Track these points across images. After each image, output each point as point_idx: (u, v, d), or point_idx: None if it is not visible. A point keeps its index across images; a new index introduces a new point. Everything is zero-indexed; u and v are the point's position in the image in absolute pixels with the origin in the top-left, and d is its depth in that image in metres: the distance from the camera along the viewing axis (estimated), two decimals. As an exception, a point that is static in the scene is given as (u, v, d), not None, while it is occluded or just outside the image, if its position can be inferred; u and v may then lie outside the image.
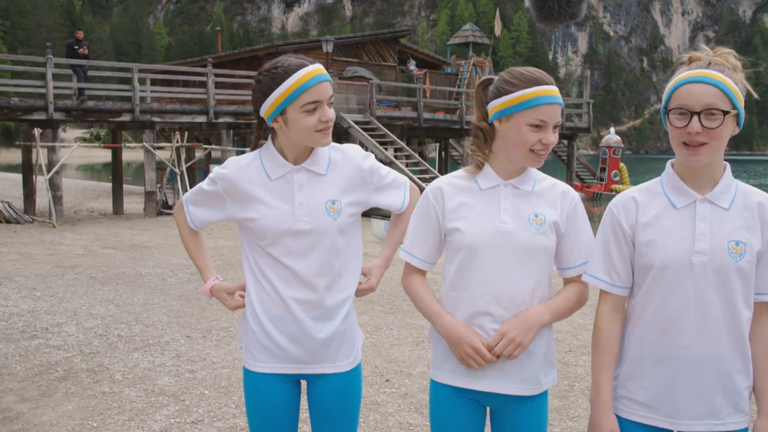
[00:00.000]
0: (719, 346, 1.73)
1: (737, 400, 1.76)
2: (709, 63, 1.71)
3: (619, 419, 1.84)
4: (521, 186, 1.92)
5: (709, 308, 1.73)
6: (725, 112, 1.66)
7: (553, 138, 1.85)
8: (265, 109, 1.93)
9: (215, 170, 2.03)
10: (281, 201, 1.97)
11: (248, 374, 2.05)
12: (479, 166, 1.95)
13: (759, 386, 1.78)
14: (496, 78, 1.94)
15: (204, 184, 2.08)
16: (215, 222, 2.11)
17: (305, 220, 1.95)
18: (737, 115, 1.70)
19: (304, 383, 2.11)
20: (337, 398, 2.03)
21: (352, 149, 2.08)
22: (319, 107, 1.90)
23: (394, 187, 2.12)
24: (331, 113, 1.93)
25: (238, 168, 2.01)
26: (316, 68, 1.90)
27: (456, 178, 1.98)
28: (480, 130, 1.96)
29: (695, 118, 1.67)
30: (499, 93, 1.87)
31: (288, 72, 1.88)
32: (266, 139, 2.05)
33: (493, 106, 1.89)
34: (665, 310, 1.77)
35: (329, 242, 1.97)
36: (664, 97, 1.77)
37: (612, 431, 1.82)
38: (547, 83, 1.85)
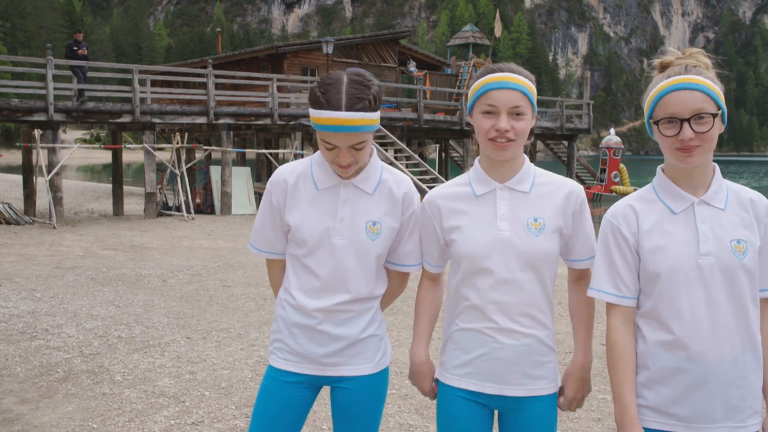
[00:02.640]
0: (733, 347, 1.72)
1: (753, 399, 1.75)
2: (686, 67, 1.71)
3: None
4: (518, 187, 1.90)
5: (720, 309, 1.71)
6: (714, 115, 1.67)
7: (504, 123, 1.81)
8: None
9: (269, 182, 2.06)
10: (323, 212, 1.97)
11: (270, 370, 2.06)
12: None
13: None
14: None
15: (261, 205, 2.09)
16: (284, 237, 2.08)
17: (343, 235, 1.96)
18: (722, 114, 1.72)
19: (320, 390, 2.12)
20: (358, 400, 2.03)
21: (405, 178, 2.08)
22: (336, 150, 1.89)
23: (415, 240, 2.07)
24: (349, 158, 1.89)
25: (288, 173, 2.03)
26: (340, 117, 1.83)
27: (451, 186, 1.98)
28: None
29: (686, 125, 1.67)
30: (470, 93, 1.93)
31: (320, 104, 1.86)
32: None
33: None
34: (678, 316, 1.74)
35: (363, 260, 1.98)
36: (648, 107, 1.75)
37: None
38: (501, 71, 1.84)
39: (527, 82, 1.85)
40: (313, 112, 1.88)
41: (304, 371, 2.02)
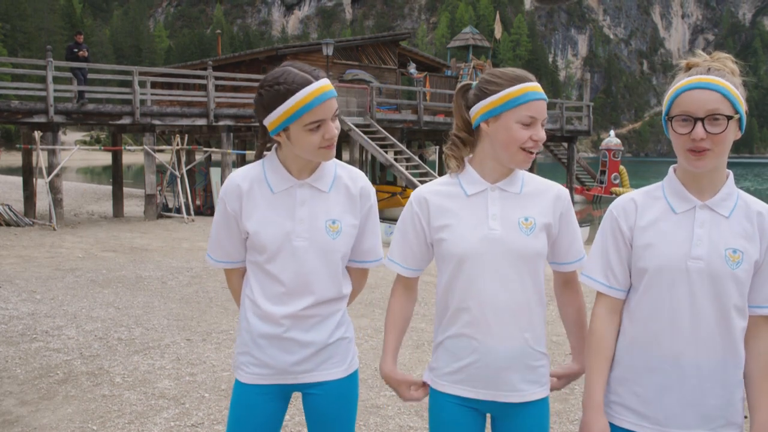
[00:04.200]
0: (713, 355, 1.71)
1: (731, 411, 1.73)
2: (709, 68, 1.69)
3: (610, 425, 1.82)
4: (509, 188, 1.89)
5: (703, 315, 1.71)
6: (729, 117, 1.64)
7: (543, 133, 1.83)
8: (268, 124, 1.89)
9: (221, 190, 2.01)
10: (282, 216, 1.94)
11: (239, 386, 2.02)
12: (460, 167, 1.93)
13: (752, 403, 1.74)
14: (474, 83, 1.92)
15: (216, 214, 2.03)
16: (241, 244, 2.04)
17: (304, 237, 1.93)
18: (739, 119, 1.69)
19: (293, 397, 2.10)
20: (331, 405, 2.00)
21: (359, 172, 2.05)
22: (323, 124, 1.85)
23: (375, 235, 2.07)
24: (334, 129, 1.88)
25: (241, 178, 1.98)
26: (321, 85, 1.84)
27: (441, 184, 1.95)
28: (458, 138, 1.94)
29: (699, 124, 1.65)
30: (484, 94, 1.85)
31: (291, 90, 1.83)
32: (271, 145, 2.02)
33: (479, 108, 1.86)
34: (659, 314, 1.75)
35: (327, 260, 1.95)
36: (665, 104, 1.75)
37: None
38: (531, 80, 1.84)
39: None
40: (289, 102, 1.82)
41: (274, 382, 1.98)
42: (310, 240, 1.93)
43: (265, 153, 2.03)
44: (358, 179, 2.02)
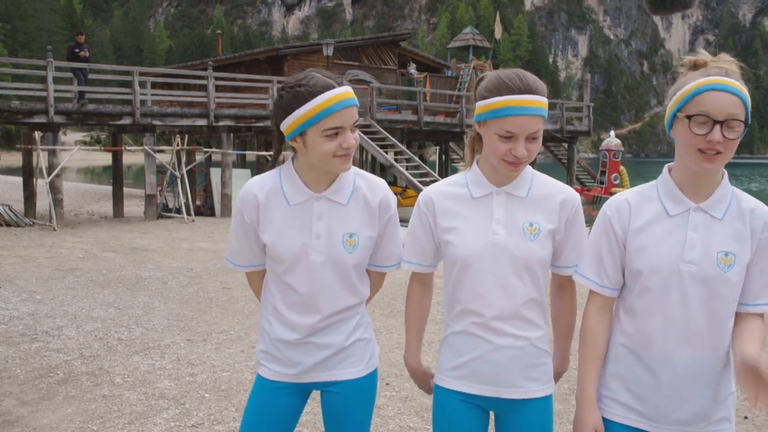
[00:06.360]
0: (705, 355, 1.73)
1: (720, 409, 1.76)
2: (727, 71, 1.67)
3: (603, 420, 1.84)
4: (515, 192, 1.88)
5: (695, 318, 1.72)
6: (744, 123, 1.65)
7: (522, 151, 1.76)
8: (285, 127, 1.86)
9: (239, 199, 2.00)
10: (298, 229, 1.93)
11: (259, 379, 2.05)
12: (470, 164, 1.95)
13: (740, 344, 1.70)
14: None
15: (233, 221, 2.03)
16: (261, 250, 2.04)
17: (320, 251, 1.92)
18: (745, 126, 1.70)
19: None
20: (347, 403, 2.02)
21: (380, 182, 2.02)
22: (341, 132, 1.82)
23: (395, 242, 2.05)
24: (352, 139, 1.85)
25: (258, 188, 1.97)
26: (343, 92, 1.81)
27: (449, 185, 1.95)
28: (476, 131, 1.94)
29: (717, 127, 1.63)
30: (479, 97, 1.84)
31: (312, 93, 1.80)
32: (285, 151, 2.02)
33: (475, 109, 1.85)
34: (652, 315, 1.76)
35: (343, 274, 1.95)
36: (681, 98, 1.68)
37: (596, 428, 1.82)
38: (522, 92, 1.74)
39: (545, 102, 1.78)
40: (309, 104, 1.79)
41: (293, 380, 2.00)
42: (326, 254, 1.93)
43: (281, 159, 2.02)
44: (378, 190, 1.99)
